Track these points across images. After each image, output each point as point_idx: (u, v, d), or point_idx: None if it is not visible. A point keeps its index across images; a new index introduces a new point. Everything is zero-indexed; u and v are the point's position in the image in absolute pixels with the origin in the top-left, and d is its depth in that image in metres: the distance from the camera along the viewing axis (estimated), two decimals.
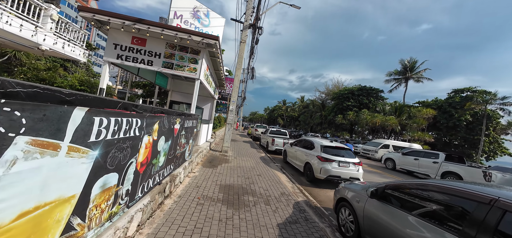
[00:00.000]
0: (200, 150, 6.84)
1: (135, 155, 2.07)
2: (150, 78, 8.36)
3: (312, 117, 50.24)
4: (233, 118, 9.04)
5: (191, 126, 4.58)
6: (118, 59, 5.59)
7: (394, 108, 30.35)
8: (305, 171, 7.15)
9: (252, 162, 8.09)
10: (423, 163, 11.53)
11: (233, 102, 9.09)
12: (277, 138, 12.34)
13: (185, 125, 3.96)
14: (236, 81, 9.11)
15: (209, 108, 11.27)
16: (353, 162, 6.49)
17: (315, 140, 7.55)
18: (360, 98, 37.20)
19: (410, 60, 35.62)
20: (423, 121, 22.76)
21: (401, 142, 20.04)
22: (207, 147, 8.53)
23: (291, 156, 8.92)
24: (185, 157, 4.49)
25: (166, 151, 3.03)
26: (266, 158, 9.56)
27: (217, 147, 10.31)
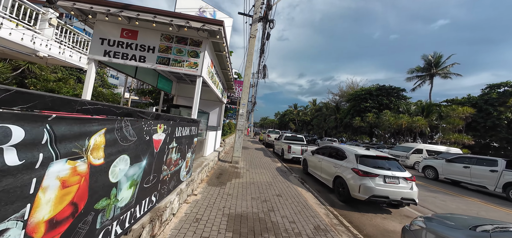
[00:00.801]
0: (206, 162, 5.66)
1: (23, 209, 0.88)
2: (151, 82, 7.45)
3: (326, 120, 47.79)
4: (243, 124, 7.83)
5: (190, 135, 3.39)
6: (105, 56, 4.65)
7: (420, 108, 27.45)
8: (336, 187, 5.66)
9: (267, 175, 6.75)
10: (476, 172, 9.42)
11: (244, 105, 7.89)
12: (294, 145, 10.89)
13: (177, 133, 2.78)
14: (246, 82, 7.94)
15: (217, 113, 10.18)
16: (404, 176, 4.91)
17: (347, 148, 6.05)
18: (379, 98, 34.50)
19: (434, 55, 32.61)
20: (459, 121, 19.97)
21: (436, 145, 17.53)
22: (215, 157, 7.35)
23: (314, 166, 7.45)
24: (181, 178, 3.29)
25: (137, 177, 1.84)
26: (283, 169, 8.16)
27: (226, 157, 9.10)
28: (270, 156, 11.64)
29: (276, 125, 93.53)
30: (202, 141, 6.40)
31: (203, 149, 6.54)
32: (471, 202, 7.24)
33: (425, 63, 33.19)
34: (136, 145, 1.75)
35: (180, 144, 2.97)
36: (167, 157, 2.53)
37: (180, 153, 3.04)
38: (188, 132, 3.31)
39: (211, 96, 9.91)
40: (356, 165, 5.15)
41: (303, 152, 10.75)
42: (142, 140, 1.86)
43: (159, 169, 2.34)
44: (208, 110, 9.99)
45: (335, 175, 5.78)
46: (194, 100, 4.83)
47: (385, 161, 5.28)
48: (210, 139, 7.04)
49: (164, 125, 2.32)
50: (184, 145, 3.16)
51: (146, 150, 1.96)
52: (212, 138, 7.51)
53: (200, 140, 6.10)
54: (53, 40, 8.29)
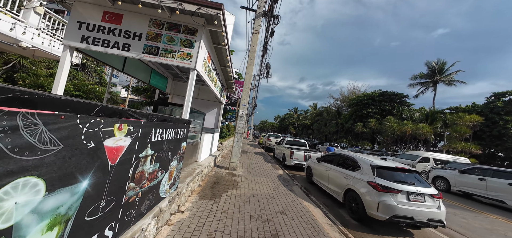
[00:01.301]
0: (199, 169, 4.93)
1: None
2: (143, 78, 6.76)
3: (327, 125, 47.13)
4: (243, 126, 7.12)
5: (176, 139, 2.68)
6: (82, 42, 3.96)
7: (424, 115, 26.83)
8: (347, 201, 4.93)
9: (268, 185, 6.01)
10: (493, 185, 8.70)
11: (244, 105, 7.20)
12: (297, 151, 10.16)
13: (155, 137, 2.06)
14: (247, 81, 7.25)
15: (215, 114, 9.48)
16: (430, 193, 4.19)
17: (360, 157, 5.33)
18: (382, 104, 33.95)
19: (437, 61, 32.16)
20: (466, 129, 19.31)
21: (443, 154, 16.82)
22: (211, 163, 6.62)
23: (320, 176, 6.73)
24: (162, 193, 2.56)
25: (66, 210, 1.12)
26: (285, 178, 7.42)
27: (224, 162, 8.36)
28: (270, 162, 10.90)
29: (276, 129, 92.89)
30: (196, 145, 5.68)
31: (197, 153, 5.82)
32: (494, 220, 6.50)
33: (429, 70, 32.71)
34: (62, 158, 1.04)
35: (160, 151, 2.26)
36: (136, 171, 1.82)
37: (160, 163, 2.32)
38: (173, 135, 2.60)
39: (209, 96, 9.22)
40: (373, 178, 4.43)
41: (306, 158, 10.03)
42: (79, 149, 1.15)
43: (119, 190, 1.62)
44: (205, 110, 9.29)
45: (346, 187, 5.06)
46: (186, 97, 4.11)
47: (405, 173, 4.56)
48: (205, 142, 6.32)
49: (130, 125, 1.61)
50: (166, 152, 2.45)
51: (90, 165, 1.25)
52: (208, 141, 6.79)
53: (193, 144, 5.39)
54: (41, 30, 7.63)
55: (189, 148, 5.04)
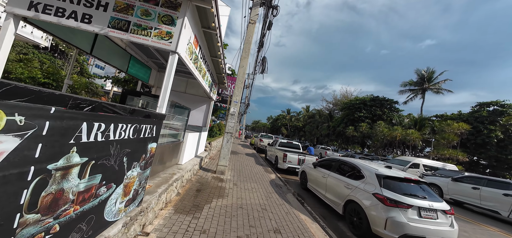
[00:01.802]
0: (180, 174, 4.16)
1: None
2: (119, 65, 5.84)
3: (319, 127, 47.34)
4: (234, 125, 6.41)
5: (136, 139, 1.93)
6: (30, 9, 3.09)
7: (413, 121, 27.36)
8: (348, 214, 4.36)
9: (260, 192, 5.33)
10: (487, 195, 8.56)
11: (236, 102, 6.47)
12: (291, 154, 9.58)
13: (91, 135, 1.31)
14: (241, 75, 6.54)
15: (204, 111, 8.68)
16: (442, 209, 3.70)
17: (363, 165, 4.79)
18: (373, 109, 34.40)
19: (427, 70, 33.07)
20: (454, 137, 19.72)
21: (432, 161, 16.98)
22: (195, 166, 5.84)
23: (315, 182, 6.16)
24: (108, 217, 1.80)
25: None
26: (278, 183, 6.78)
27: (211, 165, 7.59)
28: (262, 164, 10.24)
29: (268, 129, 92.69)
30: (178, 146, 4.89)
31: (178, 155, 5.02)
32: (494, 234, 6.23)
33: (418, 77, 33.56)
34: None
35: (103, 157, 1.51)
36: (41, 193, 1.06)
37: (104, 174, 1.57)
38: (133, 133, 1.85)
39: (198, 90, 8.40)
40: (379, 189, 3.88)
41: (300, 162, 9.47)
42: None
43: None
44: (193, 106, 8.45)
45: (347, 198, 4.49)
46: (163, 86, 3.34)
47: (414, 185, 4.06)
48: (189, 142, 5.53)
49: (19, 115, 0.86)
50: (117, 158, 1.70)
51: None
52: (193, 141, 6.00)
53: (174, 144, 4.60)
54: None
55: (168, 149, 4.26)
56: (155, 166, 3.64)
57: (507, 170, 24.21)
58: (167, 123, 4.21)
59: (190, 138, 5.50)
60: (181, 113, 5.02)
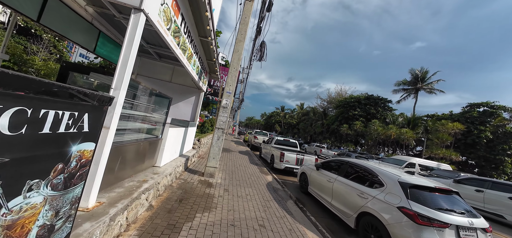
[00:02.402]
0: (153, 182, 3.21)
1: None
2: (84, 42, 4.72)
3: (313, 125, 47.18)
4: (226, 120, 5.47)
5: (23, 138, 0.93)
6: None
7: (406, 120, 27.46)
8: (363, 230, 3.60)
9: (256, 200, 4.48)
10: (491, 198, 8.18)
11: (229, 93, 5.53)
12: (288, 153, 8.78)
13: None
14: (236, 60, 5.59)
15: (193, 104, 7.66)
16: (482, 227, 2.99)
17: (381, 170, 4.02)
18: (367, 107, 34.37)
19: (421, 70, 33.29)
20: (447, 137, 19.75)
21: (427, 160, 16.84)
22: (179, 167, 4.89)
23: (319, 187, 5.39)
24: None
25: None
26: (276, 187, 5.95)
27: (199, 166, 6.64)
28: (257, 164, 9.39)
29: (261, 126, 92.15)
30: (155, 143, 3.91)
31: (155, 155, 4.04)
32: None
33: (412, 77, 33.77)
34: None
35: None
36: None
37: None
38: (18, 125, 0.90)
39: (186, 79, 7.36)
40: (406, 202, 3.12)
41: (299, 161, 8.71)
42: None
43: None
44: (180, 98, 7.42)
45: (361, 210, 3.72)
46: (121, 59, 2.33)
47: (447, 196, 3.33)
48: (171, 139, 4.55)
49: None
50: None
51: None
52: (175, 138, 5.01)
53: (149, 142, 3.62)
54: None
55: (139, 148, 3.28)
56: (116, 173, 2.67)
57: (494, 169, 24.82)
58: (136, 114, 3.22)
59: (172, 135, 4.52)
60: (160, 104, 4.03)
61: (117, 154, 2.64)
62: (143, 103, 3.44)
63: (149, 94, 3.66)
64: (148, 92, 3.68)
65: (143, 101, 3.53)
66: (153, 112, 3.83)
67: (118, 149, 2.64)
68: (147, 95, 3.67)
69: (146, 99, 3.61)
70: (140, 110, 3.38)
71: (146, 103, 3.54)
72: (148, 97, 3.66)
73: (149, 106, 3.63)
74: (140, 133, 3.51)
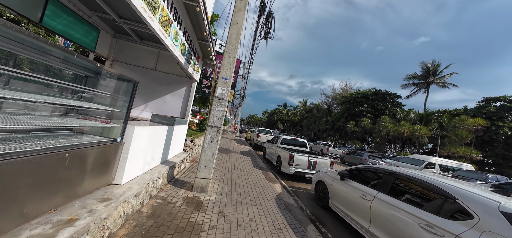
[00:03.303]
0: (100, 215, 1.88)
1: None
2: (23, 9, 3.37)
3: (317, 122, 45.65)
4: (222, 116, 4.09)
5: None
6: None
7: (418, 116, 25.82)
8: None
9: (265, 229, 3.12)
10: None
11: (226, 80, 4.14)
12: (299, 155, 7.40)
13: None
14: (234, 35, 4.19)
15: (183, 97, 6.29)
16: None
17: (462, 190, 2.58)
18: (375, 103, 32.74)
19: (432, 63, 31.48)
20: (468, 134, 18.16)
21: (447, 160, 15.33)
22: (158, 180, 3.54)
23: (347, 204, 4.02)
24: None
25: None
26: (289, 204, 4.58)
27: (190, 174, 5.29)
28: (261, 167, 8.03)
29: (263, 124, 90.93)
30: (109, 151, 2.53)
31: (112, 168, 2.67)
32: None
33: (423, 71, 31.99)
34: None
35: None
36: None
37: None
38: None
39: (174, 67, 5.99)
40: None
41: (312, 165, 7.32)
42: None
43: None
44: (165, 90, 6.08)
45: None
46: None
47: None
48: (139, 143, 3.17)
49: None
50: None
51: None
52: (149, 140, 3.63)
53: (96, 150, 2.26)
54: None
55: (75, 159, 1.93)
56: (12, 209, 1.32)
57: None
58: (53, 102, 1.86)
59: (142, 136, 3.15)
60: (117, 90, 2.66)
61: (12, 174, 1.29)
62: (76, 85, 2.07)
63: (94, 72, 2.29)
64: (100, 71, 2.31)
65: (79, 83, 2.18)
66: (102, 101, 2.47)
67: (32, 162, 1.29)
68: (100, 75, 2.31)
69: (88, 80, 2.24)
70: (69, 95, 2.01)
71: (84, 86, 2.17)
72: (93, 77, 2.30)
73: (95, 93, 2.27)
74: (75, 136, 2.16)
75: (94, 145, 2.31)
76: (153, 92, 6.09)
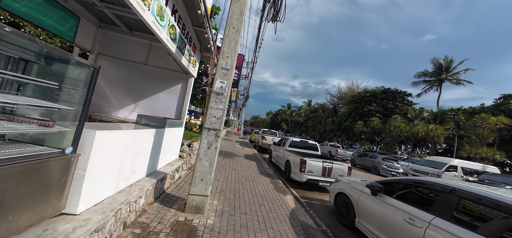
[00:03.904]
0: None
1: None
2: None
3: (322, 123, 44.41)
4: (222, 115, 3.24)
5: None
6: None
7: (432, 115, 24.39)
8: None
9: None
10: None
11: (226, 70, 3.29)
12: (311, 160, 6.48)
13: None
14: (236, 14, 3.35)
15: (178, 94, 5.49)
16: None
17: None
18: (384, 102, 31.36)
19: (445, 59, 29.98)
20: (490, 133, 16.79)
21: (471, 162, 14.05)
22: (140, 200, 2.71)
23: (384, 228, 3.09)
24: None
25: None
26: (307, 226, 3.68)
27: (185, 186, 4.46)
28: (268, 174, 7.14)
29: (267, 125, 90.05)
30: (58, 166, 1.70)
31: (62, 193, 1.84)
32: None
33: (435, 67, 30.50)
34: None
35: None
36: None
37: None
38: None
39: (168, 62, 5.20)
40: None
41: (326, 172, 6.39)
42: None
43: None
44: (159, 87, 5.28)
45: None
46: None
47: None
48: (107, 154, 2.33)
49: None
50: None
51: None
52: (124, 150, 2.78)
53: (34, 166, 1.43)
54: None
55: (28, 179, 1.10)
56: None
57: None
58: None
59: (110, 144, 2.32)
60: (68, 77, 1.84)
61: None
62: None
63: (35, 54, 1.47)
64: (26, 46, 1.49)
65: (13, 69, 1.37)
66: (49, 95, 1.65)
67: None
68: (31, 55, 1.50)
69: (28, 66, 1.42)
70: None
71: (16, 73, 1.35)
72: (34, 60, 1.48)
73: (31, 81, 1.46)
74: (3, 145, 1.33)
75: (26, 160, 1.48)
76: (144, 90, 5.30)
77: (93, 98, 5.19)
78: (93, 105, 4.94)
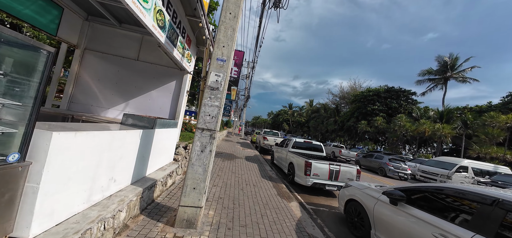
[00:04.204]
0: None
1: None
2: None
3: (324, 123, 43.80)
4: (217, 113, 2.81)
5: None
6: None
7: (438, 114, 23.74)
8: None
9: None
10: None
11: (222, 61, 2.86)
12: (317, 162, 6.02)
13: None
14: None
15: (172, 92, 5.07)
16: None
17: None
18: (388, 101, 30.73)
19: (450, 56, 29.30)
20: (500, 132, 16.18)
21: (482, 162, 13.46)
22: (120, 214, 2.29)
23: None
24: None
25: None
26: (313, 236, 3.21)
27: (176, 195, 4.03)
28: (270, 178, 6.68)
29: (269, 125, 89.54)
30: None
31: (9, 211, 1.42)
32: None
33: (440, 65, 29.82)
34: None
35: None
36: None
37: None
38: None
39: (161, 57, 4.79)
40: None
41: (333, 175, 5.92)
42: None
43: None
44: (151, 85, 4.88)
45: None
46: None
47: None
48: (64, 162, 1.91)
49: None
50: None
51: None
52: (98, 154, 2.36)
53: None
54: None
55: None
56: None
57: None
58: None
59: (75, 149, 1.89)
60: (14, 64, 1.41)
61: None
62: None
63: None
64: None
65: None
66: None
67: None
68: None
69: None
70: None
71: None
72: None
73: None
74: None
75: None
76: (135, 87, 4.89)
77: (79, 97, 4.77)
78: (79, 105, 4.54)
